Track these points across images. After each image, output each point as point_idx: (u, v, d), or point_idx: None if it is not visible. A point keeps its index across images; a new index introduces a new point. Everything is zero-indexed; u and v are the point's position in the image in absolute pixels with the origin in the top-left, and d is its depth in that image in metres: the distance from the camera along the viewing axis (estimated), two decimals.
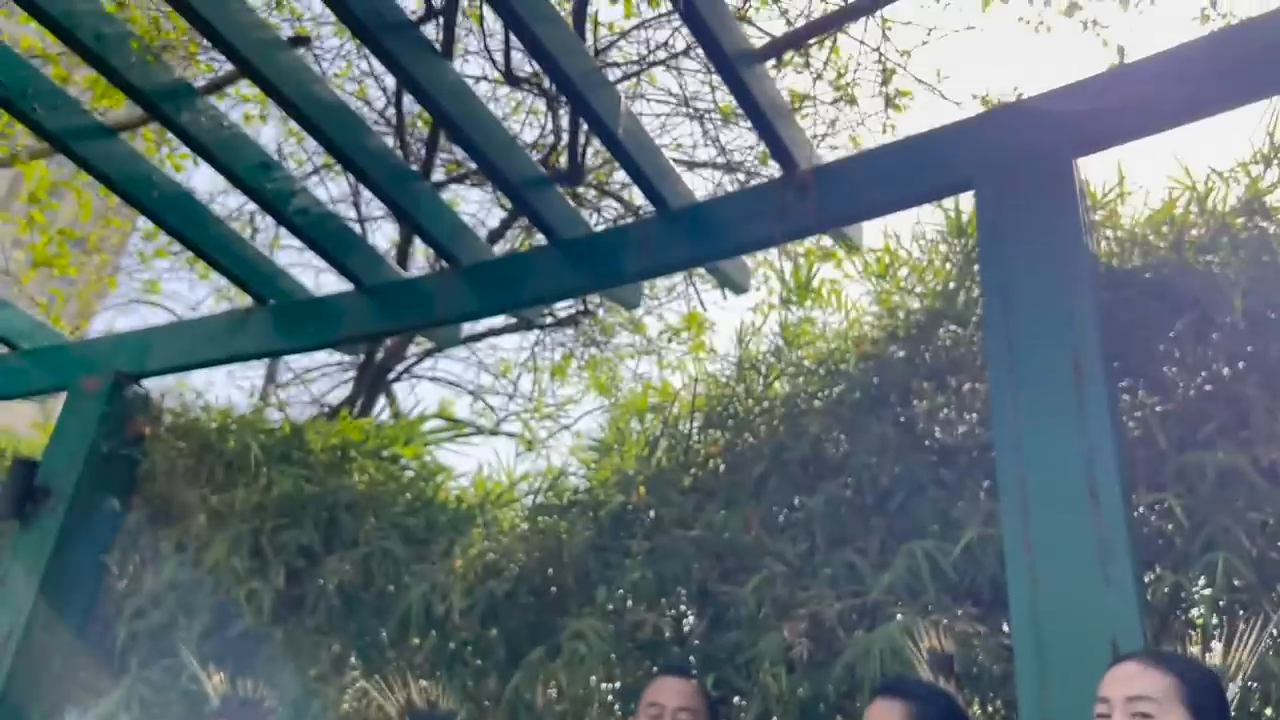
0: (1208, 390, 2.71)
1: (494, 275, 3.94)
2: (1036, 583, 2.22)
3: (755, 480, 3.37)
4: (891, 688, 2.27)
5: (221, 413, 4.41)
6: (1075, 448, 2.31)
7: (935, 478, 2.93)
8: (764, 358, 3.68)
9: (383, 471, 4.34)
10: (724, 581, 3.31)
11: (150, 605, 3.98)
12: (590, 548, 3.58)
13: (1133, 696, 1.79)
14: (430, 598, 3.58)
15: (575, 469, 4.06)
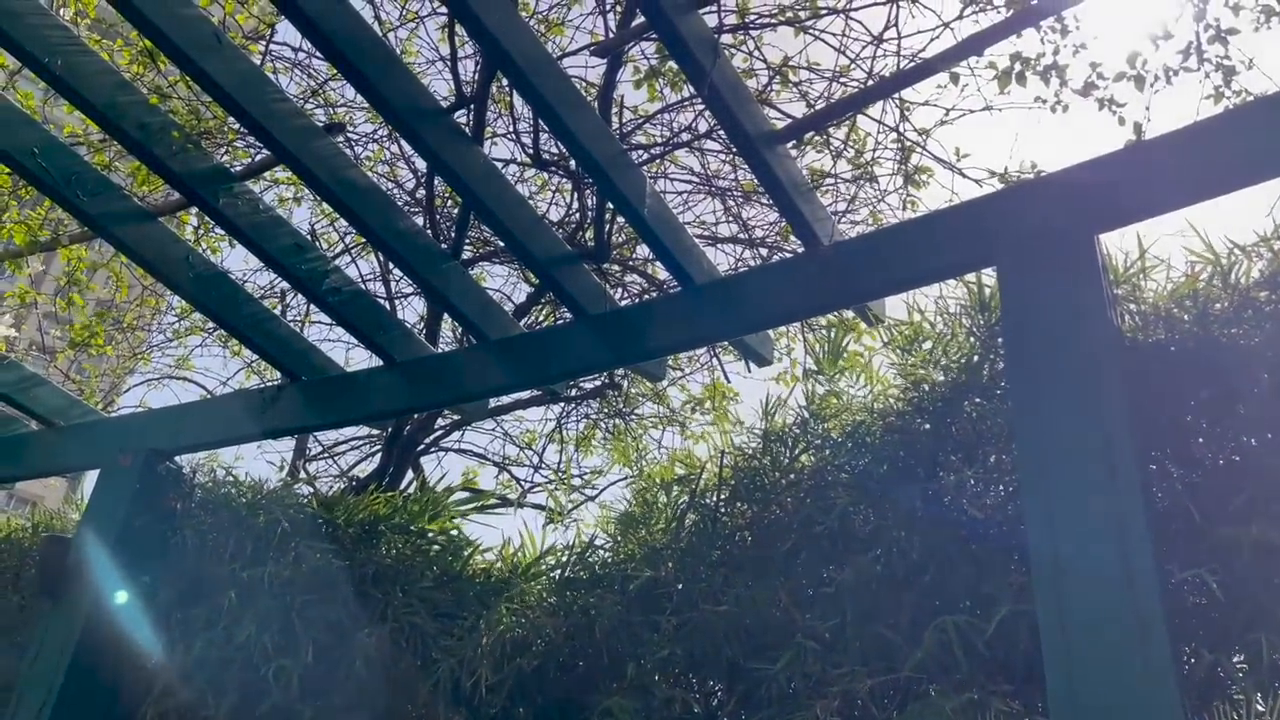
0: (1236, 462, 2.70)
1: (522, 350, 3.99)
2: (1072, 665, 2.20)
3: (784, 554, 3.37)
4: None
5: (251, 487, 4.46)
6: (1109, 528, 2.30)
7: (965, 551, 2.92)
8: (789, 430, 3.70)
9: (410, 545, 4.36)
10: (754, 657, 3.29)
11: (179, 683, 3.98)
12: (619, 623, 3.57)
13: None
14: (458, 673, 3.57)
15: (602, 541, 4.07)
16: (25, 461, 5.01)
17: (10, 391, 4.86)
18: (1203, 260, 2.85)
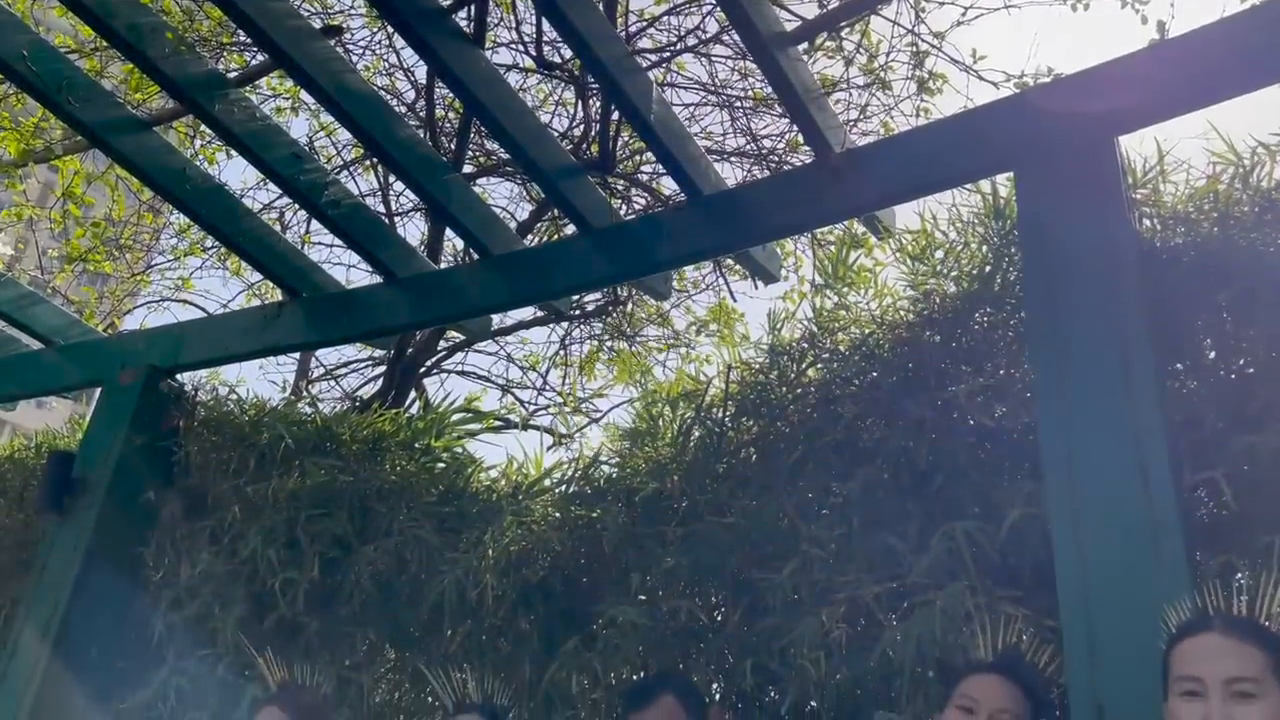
0: (1254, 369, 2.66)
1: (525, 265, 3.94)
2: (1086, 562, 2.19)
3: (790, 466, 3.35)
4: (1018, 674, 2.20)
5: (255, 406, 4.44)
6: (1124, 426, 2.28)
7: (974, 460, 2.90)
8: (797, 344, 3.65)
9: (414, 463, 4.34)
10: (760, 568, 3.29)
11: (187, 596, 4.00)
12: (624, 535, 3.57)
13: (1231, 678, 1.72)
14: (464, 585, 3.57)
15: (607, 457, 4.05)
16: (25, 380, 4.99)
17: (8, 309, 4.81)
18: (1224, 161, 2.78)
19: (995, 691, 2.13)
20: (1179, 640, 1.85)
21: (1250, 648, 1.76)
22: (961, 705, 2.14)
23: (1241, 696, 1.71)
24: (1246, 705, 1.71)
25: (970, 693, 2.15)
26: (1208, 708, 1.72)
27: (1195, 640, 1.81)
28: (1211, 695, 1.73)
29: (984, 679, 2.17)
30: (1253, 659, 1.74)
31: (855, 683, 2.93)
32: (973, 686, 2.16)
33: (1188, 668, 1.78)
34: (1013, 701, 2.12)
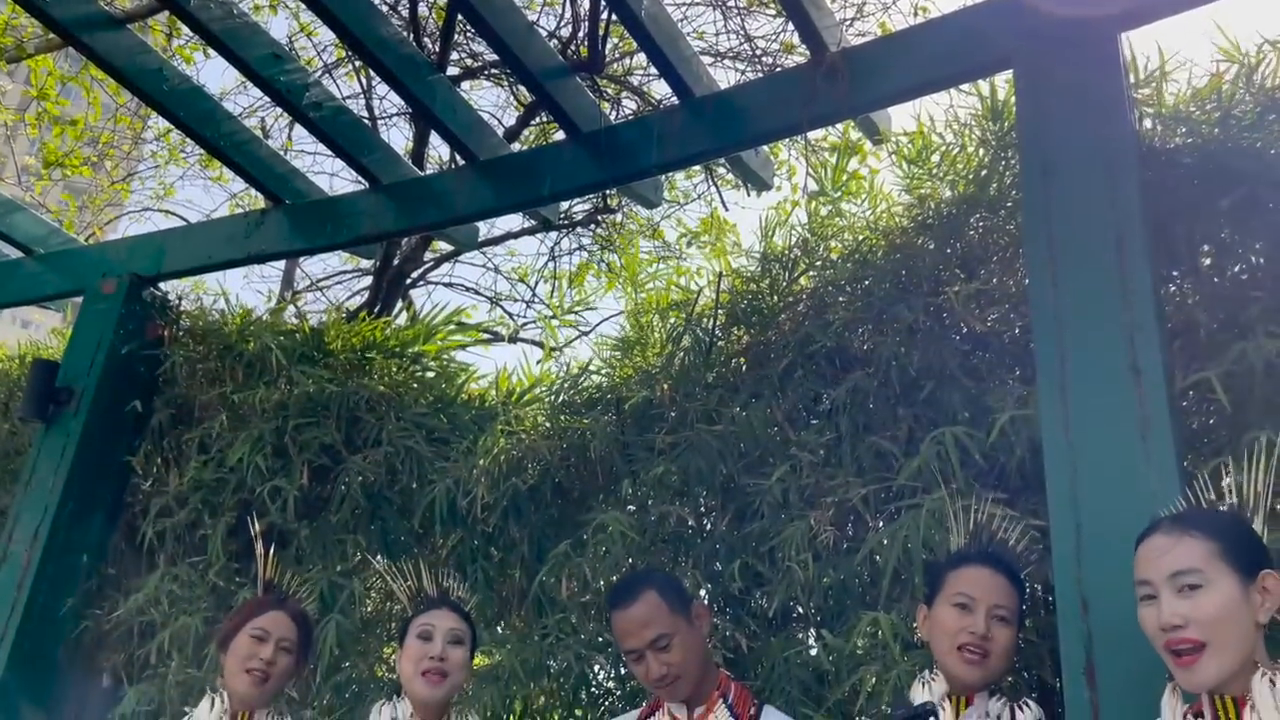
0: (1251, 272, 2.64)
1: (512, 170, 3.86)
2: (1075, 460, 2.18)
3: (780, 373, 3.33)
4: (1008, 567, 2.20)
5: (240, 315, 4.38)
6: (1117, 325, 2.25)
7: (965, 366, 2.89)
8: (789, 251, 3.61)
9: (403, 372, 4.32)
10: (749, 474, 3.30)
11: (175, 504, 4.00)
12: (613, 443, 3.57)
13: (1176, 572, 1.70)
14: (454, 493, 3.58)
15: (597, 367, 4.03)
16: (4, 289, 4.91)
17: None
18: (1228, 59, 2.71)
19: (989, 585, 2.13)
20: (1137, 546, 1.84)
21: (1191, 540, 1.73)
22: (958, 603, 2.13)
23: (1189, 589, 1.70)
24: (1194, 597, 1.69)
25: (964, 589, 2.13)
26: (1159, 608, 1.72)
27: (1144, 546, 1.80)
28: (1161, 593, 1.72)
29: (976, 571, 2.16)
30: (1193, 550, 1.72)
31: (842, 584, 2.95)
32: (966, 580, 2.15)
33: (1140, 573, 1.78)
34: (1007, 597, 2.12)
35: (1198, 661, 1.67)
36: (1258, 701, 1.68)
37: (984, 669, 2.07)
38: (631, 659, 2.46)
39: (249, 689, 2.74)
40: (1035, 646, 2.53)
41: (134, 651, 3.87)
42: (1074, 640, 2.08)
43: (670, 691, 2.44)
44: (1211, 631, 1.67)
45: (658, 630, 2.39)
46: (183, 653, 3.67)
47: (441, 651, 2.56)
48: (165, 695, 3.63)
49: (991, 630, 2.07)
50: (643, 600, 2.44)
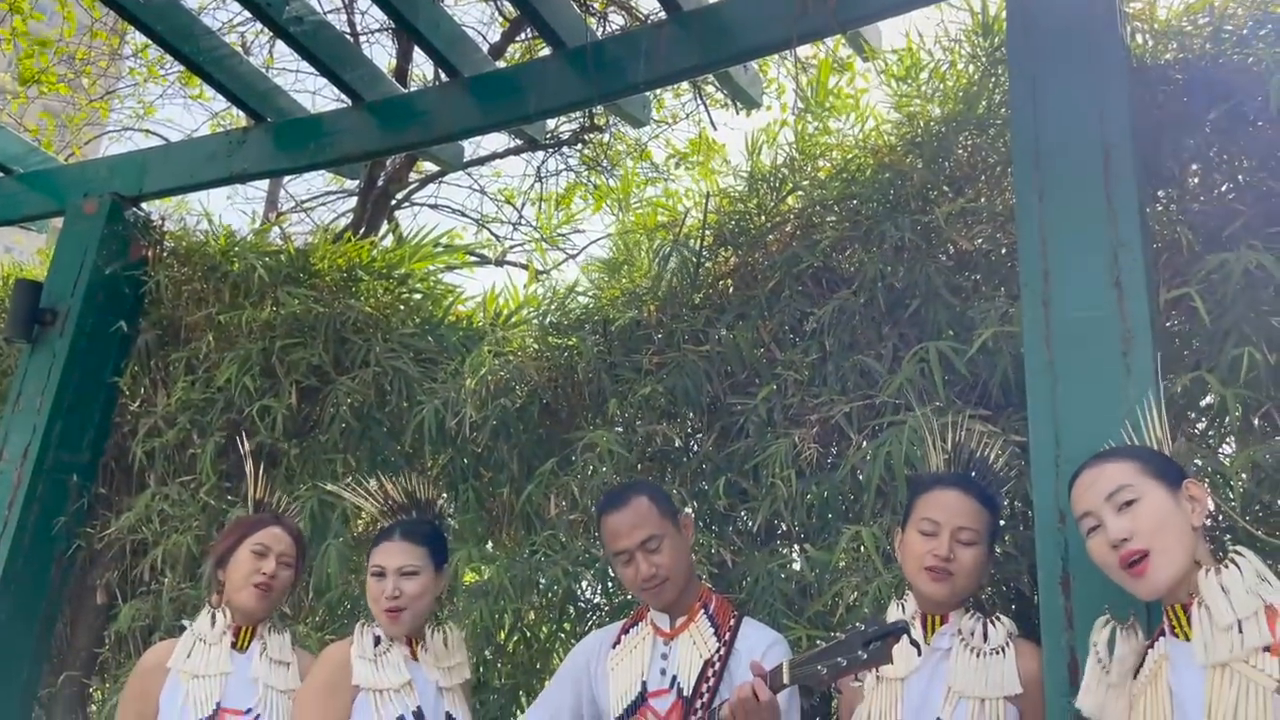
0: (1238, 188, 2.63)
1: (497, 87, 3.80)
2: (1056, 374, 2.20)
3: (767, 294, 3.34)
4: (974, 486, 2.23)
5: (224, 235, 4.35)
6: (1102, 241, 2.26)
7: (951, 284, 2.89)
8: (777, 171, 3.59)
9: (390, 294, 4.31)
10: (735, 393, 3.33)
11: (164, 424, 4.01)
12: (601, 363, 3.58)
13: (1111, 492, 1.82)
14: (443, 414, 3.59)
15: (585, 289, 4.03)
16: None
17: None
18: None
19: (955, 507, 2.16)
20: (1070, 491, 1.93)
21: (1115, 463, 1.86)
22: (923, 530, 2.17)
23: (1126, 505, 1.80)
24: (1132, 510, 1.80)
25: (930, 514, 2.17)
26: (1105, 530, 1.81)
27: (1075, 486, 1.91)
28: (1104, 517, 1.81)
29: (943, 494, 2.20)
30: (1120, 470, 1.84)
31: (825, 500, 3.00)
32: (932, 504, 2.19)
33: (1080, 508, 1.87)
34: (973, 518, 2.15)
35: (1148, 567, 1.76)
36: (1205, 595, 1.74)
37: (949, 588, 2.12)
38: (620, 562, 2.50)
39: (255, 603, 2.77)
40: (1014, 560, 2.58)
41: (127, 569, 3.93)
42: (1051, 551, 2.12)
43: (656, 594, 2.47)
44: (1154, 539, 1.77)
45: (648, 531, 2.44)
46: (175, 570, 3.72)
47: (394, 589, 2.57)
48: (159, 611, 3.69)
49: (955, 552, 2.11)
50: (634, 504, 2.48)
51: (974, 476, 2.30)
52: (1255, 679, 1.64)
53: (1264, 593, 1.72)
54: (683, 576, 2.49)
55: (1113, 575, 1.83)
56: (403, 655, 2.62)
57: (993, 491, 2.27)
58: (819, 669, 1.89)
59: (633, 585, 2.51)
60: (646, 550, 2.43)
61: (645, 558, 2.43)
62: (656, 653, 2.50)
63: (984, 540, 2.15)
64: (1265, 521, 2.25)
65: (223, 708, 2.70)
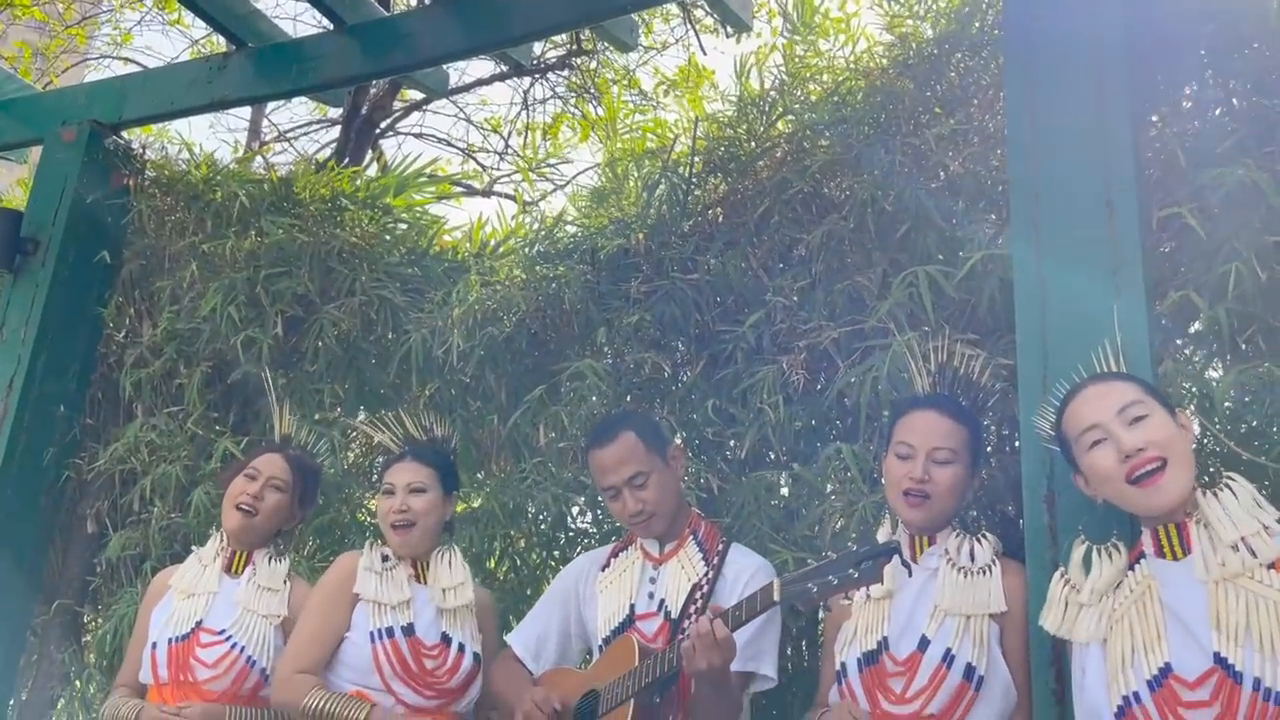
0: (1232, 110, 2.60)
1: (482, 9, 3.72)
2: (1045, 294, 2.19)
3: (756, 220, 3.31)
4: (950, 406, 2.25)
5: (206, 162, 4.28)
6: (1093, 160, 2.23)
7: (942, 206, 2.87)
8: (767, 95, 3.53)
9: (375, 223, 4.26)
10: (724, 321, 3.32)
11: (150, 354, 3.99)
12: (588, 291, 3.56)
13: (1123, 406, 1.82)
14: (430, 343, 3.58)
15: (572, 217, 3.99)
16: None
17: None
18: None
19: (929, 429, 2.17)
20: (1065, 408, 1.93)
21: (1121, 383, 1.88)
22: (899, 454, 2.18)
23: (1137, 420, 1.81)
24: (1144, 424, 1.81)
25: (905, 437, 2.18)
26: (1117, 441, 1.81)
27: (1077, 400, 1.91)
28: (1114, 429, 1.82)
29: (919, 415, 2.21)
30: (1128, 388, 1.86)
31: (812, 426, 3.00)
32: (907, 427, 2.20)
33: (1084, 422, 1.87)
34: (948, 437, 2.16)
35: (1163, 478, 1.77)
36: (1207, 514, 1.76)
37: (927, 510, 2.14)
38: (608, 496, 2.52)
39: (237, 524, 2.83)
40: (997, 481, 2.60)
41: (117, 499, 3.93)
42: (1036, 469, 2.13)
43: (645, 527, 2.50)
44: (1169, 449, 1.78)
45: (635, 468, 2.45)
46: (164, 500, 3.72)
47: (402, 504, 2.65)
48: (149, 540, 3.69)
49: (930, 473, 2.12)
50: (620, 439, 2.49)
51: (956, 397, 2.31)
52: (1263, 593, 1.67)
53: (1259, 515, 1.75)
54: (671, 508, 2.51)
55: (1110, 490, 1.83)
56: (407, 575, 2.68)
57: (973, 409, 2.27)
58: (810, 587, 1.91)
59: (623, 519, 2.53)
60: (633, 486, 2.44)
61: (632, 494, 2.44)
62: (645, 576, 2.52)
63: (962, 459, 2.15)
64: (1249, 442, 2.26)
65: (202, 626, 2.74)
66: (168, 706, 2.64)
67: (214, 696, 2.67)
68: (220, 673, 2.69)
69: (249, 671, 2.71)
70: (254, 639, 2.73)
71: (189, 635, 2.72)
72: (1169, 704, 1.69)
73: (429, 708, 2.55)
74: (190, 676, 2.68)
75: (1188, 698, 1.68)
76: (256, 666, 2.72)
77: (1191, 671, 1.68)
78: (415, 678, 2.55)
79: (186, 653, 2.70)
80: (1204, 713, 1.66)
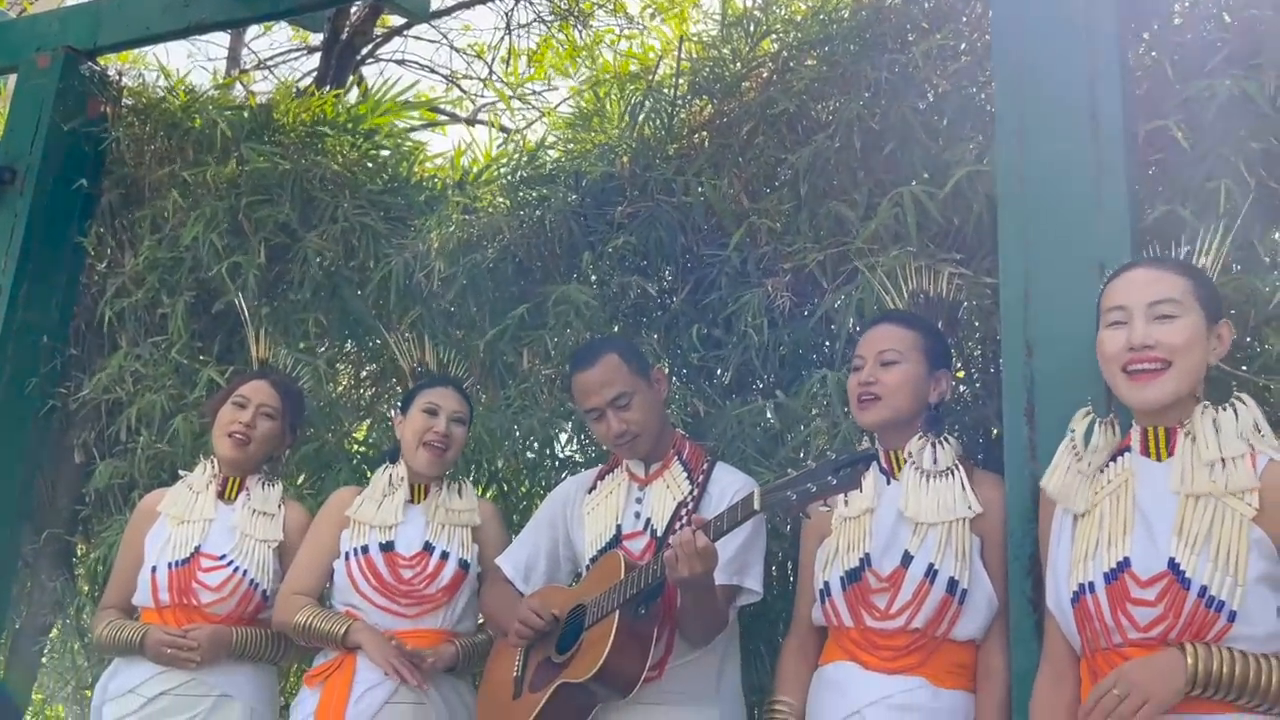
0: (1221, 25, 2.56)
1: None
2: (1028, 206, 2.17)
3: (742, 141, 3.27)
4: (900, 315, 2.30)
5: (184, 90, 4.20)
6: (1079, 72, 2.19)
7: (928, 124, 2.83)
8: (751, 13, 3.46)
9: (357, 150, 4.21)
10: (709, 245, 3.29)
11: (132, 284, 3.95)
12: (572, 215, 3.53)
13: (1155, 300, 1.78)
14: (412, 268, 3.55)
15: (555, 142, 3.94)
16: None
17: None
18: None
19: (875, 337, 2.20)
20: (1109, 282, 1.89)
21: (1173, 275, 1.81)
22: (854, 366, 2.23)
23: (1163, 318, 1.77)
24: (1167, 324, 1.77)
25: (858, 352, 2.23)
26: (1131, 330, 1.78)
27: (1122, 278, 1.86)
28: (1135, 318, 1.78)
29: (871, 331, 2.25)
30: (1174, 284, 1.79)
31: (796, 350, 3.00)
32: (860, 345, 2.24)
33: (1115, 300, 1.84)
34: (893, 340, 2.18)
35: (1158, 379, 1.75)
36: (1196, 428, 1.76)
37: (878, 410, 2.16)
38: (592, 419, 2.51)
39: (231, 452, 2.85)
40: (980, 397, 2.60)
41: (103, 429, 3.93)
42: (1016, 383, 2.13)
43: (629, 448, 2.50)
44: (1177, 354, 1.75)
45: (618, 389, 2.45)
46: (150, 429, 3.72)
47: (445, 429, 2.72)
48: (136, 469, 3.70)
49: (877, 375, 2.15)
50: (603, 361, 2.49)
51: (934, 316, 2.31)
52: (1234, 505, 1.67)
53: (1254, 440, 1.73)
54: (654, 429, 2.51)
55: (1106, 372, 1.82)
56: (405, 499, 2.72)
57: (930, 323, 2.27)
58: (789, 495, 1.91)
59: (606, 441, 2.54)
60: (617, 407, 2.44)
61: (616, 415, 2.44)
62: (631, 497, 2.53)
63: (910, 359, 2.16)
64: (1231, 356, 2.25)
65: (201, 551, 2.77)
66: (173, 629, 2.66)
67: (218, 619, 2.71)
68: (225, 596, 2.73)
69: (252, 594, 2.77)
70: (255, 562, 2.78)
71: (189, 560, 2.75)
72: (1119, 598, 1.72)
73: (411, 630, 2.57)
74: (194, 600, 2.72)
75: (1136, 595, 1.70)
76: (259, 589, 2.77)
77: (1146, 571, 1.71)
78: (390, 589, 2.59)
79: (188, 577, 2.73)
80: (1148, 612, 1.69)
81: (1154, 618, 1.68)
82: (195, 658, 2.62)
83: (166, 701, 2.66)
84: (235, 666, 2.72)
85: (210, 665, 2.65)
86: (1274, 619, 1.64)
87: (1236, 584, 1.63)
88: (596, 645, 2.20)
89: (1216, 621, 1.64)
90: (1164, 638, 1.66)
